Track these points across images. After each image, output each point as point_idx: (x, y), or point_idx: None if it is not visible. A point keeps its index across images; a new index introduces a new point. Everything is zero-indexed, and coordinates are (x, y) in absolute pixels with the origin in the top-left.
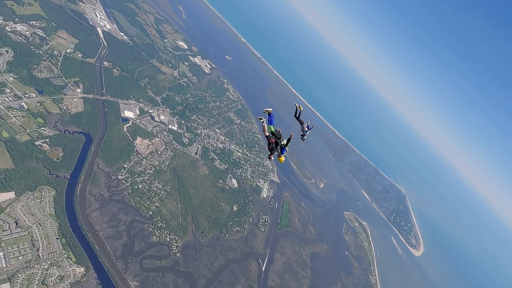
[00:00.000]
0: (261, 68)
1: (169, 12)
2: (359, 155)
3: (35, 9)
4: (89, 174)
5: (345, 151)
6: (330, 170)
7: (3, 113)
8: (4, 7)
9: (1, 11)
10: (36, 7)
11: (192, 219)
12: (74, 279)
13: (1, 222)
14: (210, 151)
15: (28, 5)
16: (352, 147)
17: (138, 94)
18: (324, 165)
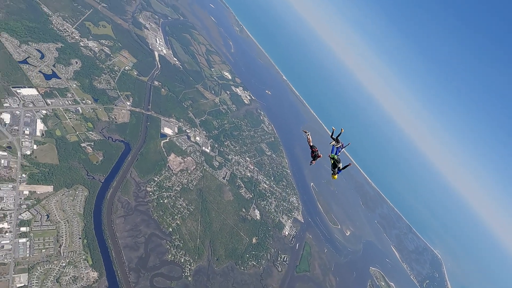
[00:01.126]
0: (299, 106)
1: (220, 45)
2: (391, 207)
3: (107, 31)
4: (121, 181)
5: (377, 200)
6: (358, 218)
7: (61, 114)
8: (83, 26)
9: (80, 29)
10: (108, 29)
11: (210, 243)
12: (86, 282)
13: (35, 212)
14: (237, 178)
15: (102, 26)
16: (384, 198)
17: (180, 114)
18: (352, 212)
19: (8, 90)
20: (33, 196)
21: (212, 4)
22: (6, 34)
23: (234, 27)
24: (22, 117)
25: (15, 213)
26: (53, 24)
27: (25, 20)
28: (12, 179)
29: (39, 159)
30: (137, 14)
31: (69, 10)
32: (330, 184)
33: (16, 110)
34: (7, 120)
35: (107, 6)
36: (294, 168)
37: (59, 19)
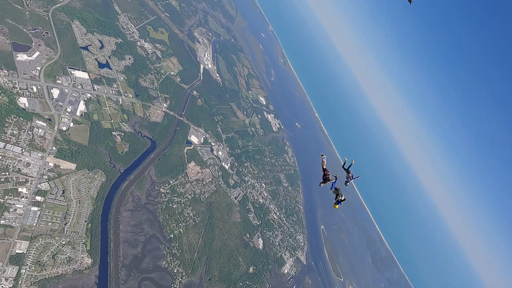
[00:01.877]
0: (325, 145)
1: (261, 71)
2: (402, 274)
3: (163, 37)
4: (139, 176)
5: (387, 262)
6: (364, 276)
7: (103, 101)
8: (143, 29)
9: (140, 30)
10: (165, 36)
11: (206, 261)
12: (78, 266)
13: (54, 185)
14: (249, 201)
15: (160, 32)
16: (396, 261)
17: (209, 126)
18: (359, 268)
19: (64, 69)
20: (56, 169)
21: (263, 33)
22: (78, 21)
23: (279, 58)
24: (69, 96)
25: (36, 181)
26: (119, 21)
27: (97, 13)
28: (43, 149)
29: (72, 137)
30: (193, 28)
31: (136, 12)
32: (341, 232)
33: (65, 88)
34: (55, 95)
35: (169, 16)
36: (308, 206)
37: (125, 18)
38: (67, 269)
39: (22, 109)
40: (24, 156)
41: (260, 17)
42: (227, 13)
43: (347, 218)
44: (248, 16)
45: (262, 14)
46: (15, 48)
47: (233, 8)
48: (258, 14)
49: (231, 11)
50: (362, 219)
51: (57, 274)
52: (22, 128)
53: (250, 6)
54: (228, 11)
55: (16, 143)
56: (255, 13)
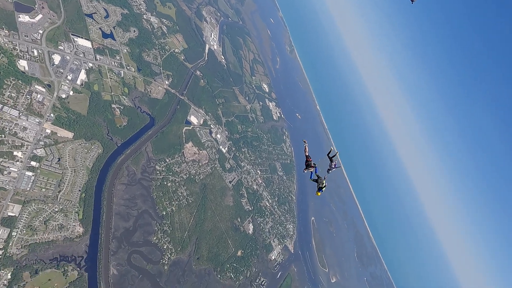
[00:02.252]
0: (323, 139)
1: (267, 58)
2: (385, 270)
3: (170, 12)
4: (135, 152)
5: (372, 258)
6: (348, 269)
7: (104, 72)
8: (151, 2)
9: (147, 3)
10: (172, 11)
11: (196, 240)
12: (70, 234)
13: (49, 152)
14: (243, 186)
15: (168, 7)
16: (380, 258)
17: (209, 108)
18: (344, 261)
19: (67, 35)
20: (53, 136)
21: (272, 19)
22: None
23: (286, 46)
24: (70, 63)
25: (32, 146)
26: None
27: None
28: (41, 115)
29: (71, 105)
30: (202, 6)
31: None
32: (331, 225)
33: (67, 55)
34: (56, 61)
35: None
36: (300, 197)
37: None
38: (58, 235)
39: (21, 72)
40: (21, 120)
41: (271, 1)
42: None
43: (337, 212)
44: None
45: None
46: (17, 8)
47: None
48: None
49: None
50: (352, 214)
51: (48, 239)
52: (21, 92)
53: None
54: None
55: (13, 106)
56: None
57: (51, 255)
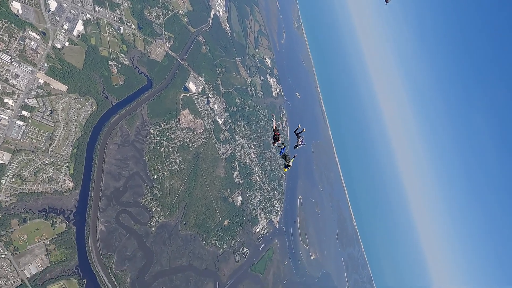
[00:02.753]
0: (319, 121)
1: (273, 31)
2: (362, 253)
3: None
4: (130, 113)
5: (351, 240)
6: (327, 248)
7: (103, 26)
8: None
9: None
10: None
11: (185, 207)
12: (59, 188)
13: (42, 103)
14: (236, 159)
15: None
16: (359, 241)
17: (209, 77)
18: (325, 240)
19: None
20: (46, 88)
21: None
22: None
23: (293, 21)
24: (67, 12)
25: (23, 95)
26: None
27: None
28: (34, 63)
29: (66, 57)
30: None
31: None
32: (316, 205)
33: (64, 3)
34: (52, 8)
35: None
36: (290, 175)
37: None
38: (47, 187)
39: (14, 15)
40: (13, 66)
41: None
42: None
43: (324, 194)
44: None
45: None
46: None
47: None
48: None
49: None
50: (338, 198)
51: (37, 190)
52: (13, 36)
53: None
54: None
55: (5, 51)
56: None
57: (40, 206)
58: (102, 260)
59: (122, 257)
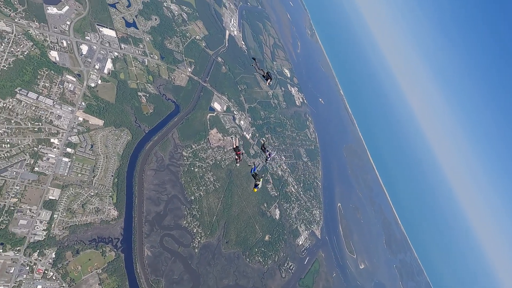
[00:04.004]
0: (347, 124)
1: (288, 42)
2: (415, 258)
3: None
4: (162, 138)
5: (401, 245)
6: (376, 256)
7: (129, 60)
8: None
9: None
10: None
11: (225, 225)
12: (106, 217)
13: (83, 139)
14: (268, 172)
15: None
16: (410, 245)
17: (232, 95)
18: (372, 247)
19: (93, 26)
20: (85, 124)
21: (291, 2)
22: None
23: (306, 30)
24: (97, 53)
25: (66, 133)
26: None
27: None
28: (73, 103)
29: (100, 94)
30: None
31: None
32: (358, 211)
33: (94, 45)
34: (84, 51)
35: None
36: (326, 183)
37: None
38: (95, 218)
39: (53, 63)
40: (55, 108)
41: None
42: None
43: (364, 198)
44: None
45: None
46: (46, 1)
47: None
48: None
49: None
50: (379, 201)
51: (86, 222)
52: (54, 81)
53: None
54: None
55: (48, 96)
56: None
57: (90, 236)
58: (152, 286)
59: (170, 281)
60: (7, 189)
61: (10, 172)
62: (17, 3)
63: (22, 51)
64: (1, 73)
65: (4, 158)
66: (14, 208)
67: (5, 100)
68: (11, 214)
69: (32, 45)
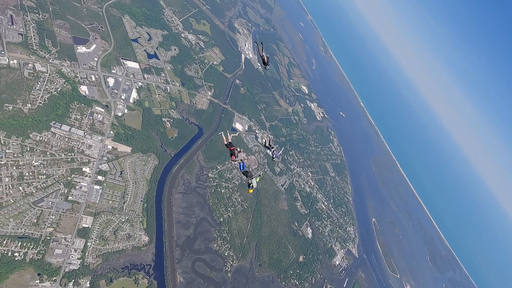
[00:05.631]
0: (372, 135)
1: (302, 60)
2: (466, 276)
3: (205, 28)
4: (188, 161)
5: (448, 262)
6: (422, 275)
7: (152, 89)
8: (187, 21)
9: (184, 23)
10: (207, 27)
11: (256, 246)
12: (137, 243)
13: (112, 166)
14: (296, 189)
15: (203, 24)
16: (458, 262)
17: (252, 114)
18: (416, 266)
19: (118, 60)
20: (114, 152)
21: (302, 23)
22: (128, 16)
23: (319, 47)
24: (122, 84)
25: (97, 162)
26: (164, 15)
27: (144, 8)
28: (102, 133)
29: (126, 122)
30: (233, 19)
31: (179, 6)
32: (395, 226)
33: (119, 77)
34: (111, 84)
35: (210, 8)
36: (357, 197)
37: (170, 12)
38: (127, 245)
39: (83, 96)
40: (86, 138)
41: (299, 6)
42: (266, 3)
43: (400, 212)
44: (286, 6)
45: (301, 4)
46: (76, 42)
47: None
48: (296, 4)
49: (269, 2)
50: (417, 215)
51: (118, 249)
52: (84, 113)
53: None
54: (266, 2)
55: (79, 127)
56: (293, 3)
57: (122, 263)
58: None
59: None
60: (43, 219)
61: (46, 202)
62: (51, 45)
63: (55, 88)
64: (38, 109)
65: (41, 188)
66: (50, 238)
67: (41, 134)
68: (47, 244)
69: (64, 82)
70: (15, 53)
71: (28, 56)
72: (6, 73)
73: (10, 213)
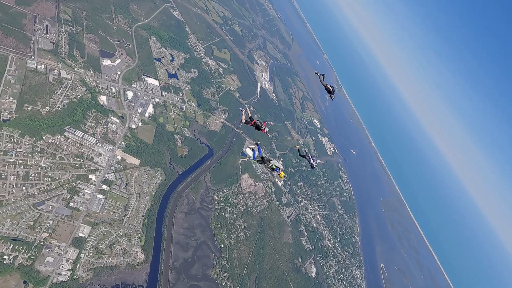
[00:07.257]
0: (382, 176)
1: (316, 96)
2: None
3: (226, 56)
4: (195, 180)
5: None
6: None
7: (169, 106)
8: (209, 48)
9: (206, 49)
10: (227, 55)
11: (256, 280)
12: (132, 261)
13: (119, 177)
14: (302, 223)
15: (223, 52)
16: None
17: (264, 141)
18: None
19: (139, 75)
20: (122, 162)
21: (318, 61)
22: (154, 37)
23: (333, 85)
24: (140, 99)
25: (104, 170)
26: (188, 40)
27: (171, 32)
28: (114, 142)
29: (139, 135)
30: (253, 51)
31: (203, 33)
32: (404, 275)
33: (138, 92)
34: (129, 97)
35: (232, 39)
36: (365, 239)
37: (194, 38)
38: (121, 261)
39: (101, 106)
40: (97, 146)
41: (316, 46)
42: (284, 40)
43: (410, 261)
44: (304, 44)
45: (318, 44)
46: (102, 55)
47: (290, 37)
48: (313, 43)
49: (288, 39)
50: (428, 265)
51: (112, 264)
52: (99, 122)
53: (307, 36)
54: (285, 39)
55: (92, 134)
56: (311, 42)
57: (113, 281)
58: None
59: None
60: (40, 223)
61: (46, 205)
62: (78, 55)
63: (76, 94)
64: (56, 113)
65: (44, 191)
66: (44, 244)
67: (54, 137)
68: (40, 249)
69: (85, 90)
70: (44, 59)
71: (56, 63)
72: (32, 76)
73: (8, 213)
